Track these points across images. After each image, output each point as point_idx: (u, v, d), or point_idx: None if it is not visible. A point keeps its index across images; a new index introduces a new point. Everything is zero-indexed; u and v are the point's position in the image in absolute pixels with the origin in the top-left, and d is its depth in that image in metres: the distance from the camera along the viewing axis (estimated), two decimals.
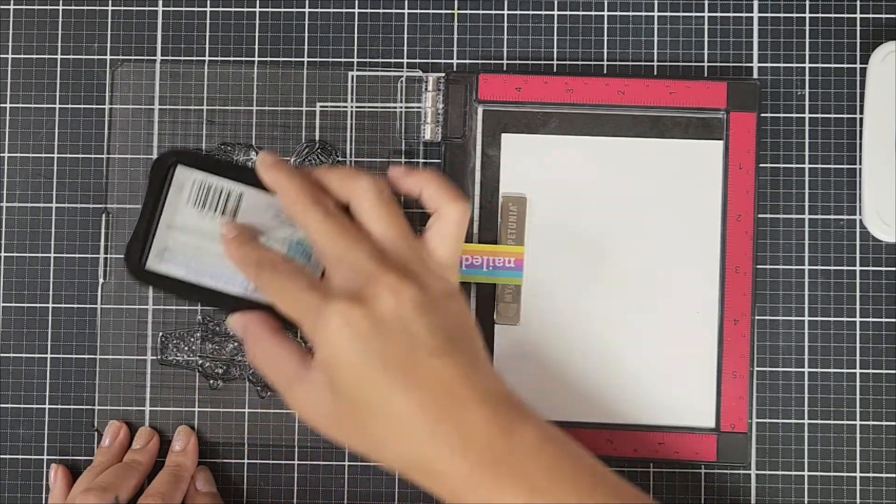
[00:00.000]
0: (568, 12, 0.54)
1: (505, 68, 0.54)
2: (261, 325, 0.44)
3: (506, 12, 0.55)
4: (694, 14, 0.54)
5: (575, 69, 0.54)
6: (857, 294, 0.53)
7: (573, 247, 0.53)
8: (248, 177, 0.45)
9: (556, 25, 0.54)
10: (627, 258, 0.52)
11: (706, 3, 0.54)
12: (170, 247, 0.46)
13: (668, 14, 0.54)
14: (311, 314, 0.41)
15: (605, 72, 0.54)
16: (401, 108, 0.54)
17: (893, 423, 0.53)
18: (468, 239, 0.52)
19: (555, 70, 0.54)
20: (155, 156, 0.54)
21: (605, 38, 0.54)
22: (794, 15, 0.54)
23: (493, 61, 0.54)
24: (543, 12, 0.55)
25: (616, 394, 0.52)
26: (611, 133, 0.53)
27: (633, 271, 0.52)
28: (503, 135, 0.53)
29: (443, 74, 0.53)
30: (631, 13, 0.54)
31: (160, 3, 0.55)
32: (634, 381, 0.52)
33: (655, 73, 0.54)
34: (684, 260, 0.52)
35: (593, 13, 0.54)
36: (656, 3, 0.54)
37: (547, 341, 0.52)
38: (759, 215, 0.53)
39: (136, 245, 0.45)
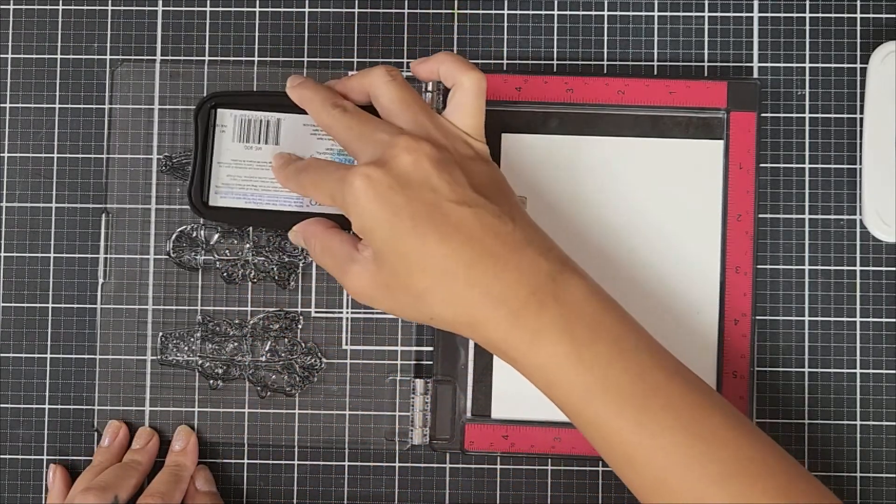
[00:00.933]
0: (568, 12, 0.54)
1: (505, 68, 0.54)
2: (315, 226, 0.48)
3: (506, 12, 0.55)
4: (694, 14, 0.54)
5: (575, 69, 0.54)
6: (857, 294, 0.53)
7: (573, 247, 0.53)
8: (283, 102, 0.49)
9: (556, 25, 0.54)
10: (628, 258, 0.52)
11: (706, 3, 0.54)
12: (225, 182, 0.51)
13: (668, 14, 0.54)
14: (340, 189, 0.43)
15: (605, 72, 0.54)
16: None
17: (893, 423, 0.53)
18: None
19: (555, 70, 0.54)
20: (155, 156, 0.54)
21: (605, 37, 0.54)
22: (794, 15, 0.54)
23: (493, 61, 0.54)
24: (543, 12, 0.55)
25: None
26: (611, 133, 0.53)
27: (633, 271, 0.52)
28: (503, 134, 0.53)
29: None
30: (631, 13, 0.54)
31: (160, 3, 0.55)
32: None
33: (655, 72, 0.54)
34: (684, 260, 0.52)
35: (593, 13, 0.54)
36: (656, 3, 0.54)
37: None
38: (759, 215, 0.53)
39: (196, 187, 0.51)
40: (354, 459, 0.53)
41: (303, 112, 0.48)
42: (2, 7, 0.55)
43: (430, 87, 0.53)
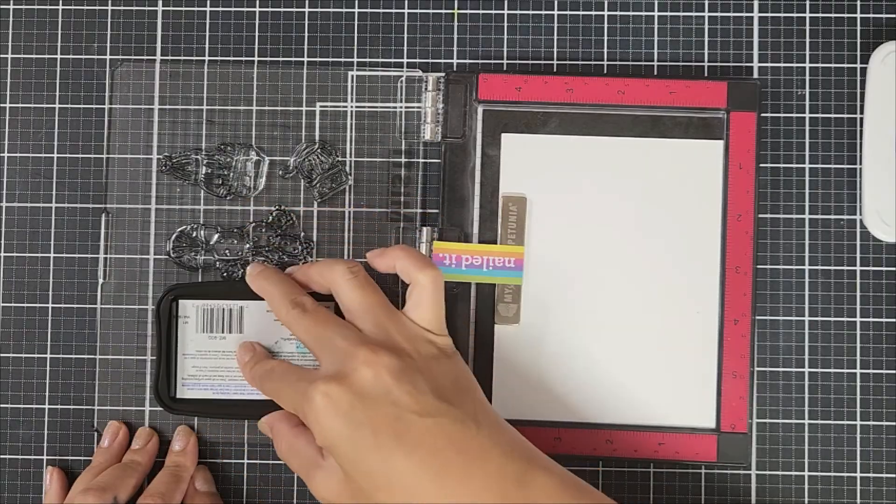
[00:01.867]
0: (568, 12, 0.54)
1: (505, 68, 0.54)
2: (281, 422, 0.47)
3: (506, 12, 0.55)
4: (694, 14, 0.54)
5: (575, 69, 0.54)
6: (858, 294, 0.53)
7: (573, 247, 0.53)
8: (244, 289, 0.49)
9: (556, 25, 0.54)
10: (628, 258, 0.52)
11: (706, 3, 0.54)
12: (191, 374, 0.51)
13: (669, 14, 0.54)
14: (303, 401, 0.43)
15: (605, 72, 0.54)
16: (401, 107, 0.54)
17: (893, 423, 0.53)
18: (468, 239, 0.52)
19: (555, 70, 0.54)
20: (155, 156, 0.54)
21: (605, 37, 0.54)
22: (794, 15, 0.54)
23: (493, 61, 0.54)
24: (543, 12, 0.55)
25: (616, 394, 0.52)
26: (611, 133, 0.53)
27: (633, 271, 0.52)
28: (503, 134, 0.53)
29: (443, 74, 0.53)
30: (631, 13, 0.54)
31: (160, 3, 0.55)
32: (635, 381, 0.52)
33: (655, 72, 0.54)
34: (684, 260, 0.52)
35: (593, 13, 0.54)
36: (656, 3, 0.54)
37: (547, 341, 0.52)
38: (759, 215, 0.53)
39: (162, 382, 0.51)
40: None
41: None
42: (2, 7, 0.55)
43: (430, 87, 0.53)
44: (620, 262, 0.52)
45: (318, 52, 0.55)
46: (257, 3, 0.55)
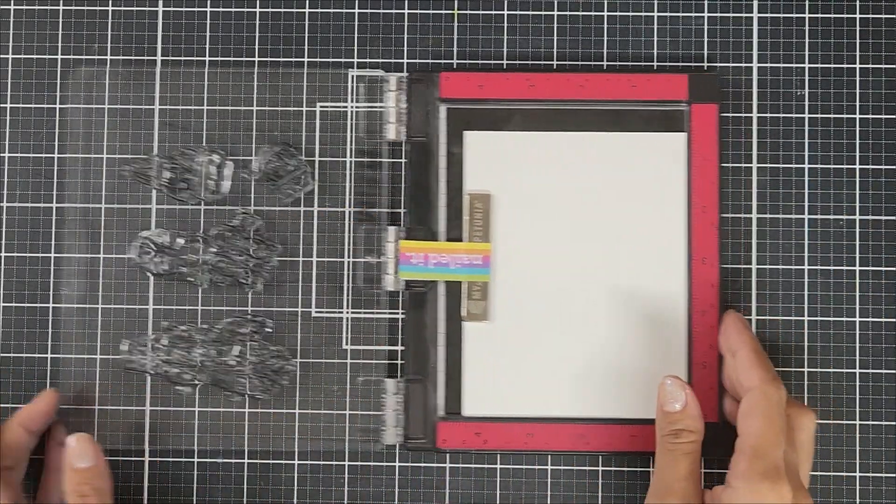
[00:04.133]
0: (568, 12, 0.55)
1: (505, 68, 0.54)
2: None
3: (506, 12, 0.55)
4: (694, 14, 0.54)
5: (575, 68, 0.54)
6: (857, 294, 0.53)
7: (540, 242, 0.53)
8: None
9: (556, 25, 0.55)
10: (594, 252, 0.52)
11: (706, 3, 0.54)
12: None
13: (668, 14, 0.54)
14: None
15: (604, 69, 0.54)
16: (363, 108, 0.54)
17: (893, 423, 0.53)
18: (434, 237, 0.52)
19: (554, 69, 0.54)
20: (155, 156, 0.54)
21: (605, 38, 0.54)
22: (794, 15, 0.54)
23: (493, 61, 0.54)
24: (543, 12, 0.55)
25: (588, 387, 0.52)
26: (574, 128, 0.53)
27: (600, 265, 0.52)
28: (466, 132, 0.53)
29: (405, 74, 0.53)
30: (631, 13, 0.54)
31: (160, 3, 0.55)
32: (605, 375, 0.52)
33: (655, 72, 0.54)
34: (651, 252, 0.52)
35: (593, 13, 0.54)
36: (656, 3, 0.54)
37: (516, 337, 0.52)
38: (759, 215, 0.53)
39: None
40: (354, 459, 0.53)
41: None
42: (2, 7, 0.55)
43: (392, 87, 0.53)
44: (587, 257, 0.52)
45: (317, 52, 0.55)
46: (257, 3, 0.55)
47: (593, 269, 0.52)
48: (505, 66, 0.54)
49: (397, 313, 0.53)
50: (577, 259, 0.53)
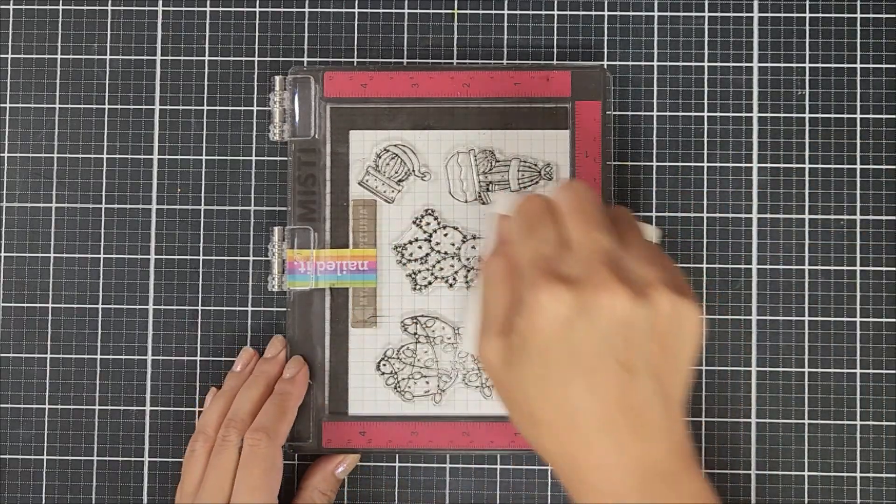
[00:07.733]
0: (568, 12, 0.54)
1: (505, 67, 0.54)
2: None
3: (506, 12, 0.55)
4: (694, 14, 0.54)
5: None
6: (857, 294, 0.53)
7: (428, 244, 0.53)
8: None
9: (556, 25, 0.54)
10: (480, 253, 0.53)
11: (706, 3, 0.54)
12: None
13: (669, 14, 0.54)
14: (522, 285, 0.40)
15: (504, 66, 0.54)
16: (253, 108, 0.54)
17: (893, 423, 0.53)
18: (320, 238, 0.52)
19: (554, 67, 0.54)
20: (155, 156, 0.54)
21: (605, 38, 0.54)
22: (794, 15, 0.54)
23: (493, 61, 0.54)
24: (543, 12, 0.55)
25: (469, 387, 0.52)
26: (459, 126, 0.53)
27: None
28: (351, 132, 0.53)
29: (288, 74, 0.53)
30: (631, 13, 0.54)
31: (160, 3, 0.55)
32: (479, 374, 0.53)
33: (656, 72, 0.54)
34: None
35: (593, 13, 0.54)
36: (656, 3, 0.54)
37: (401, 339, 0.53)
38: (759, 215, 0.53)
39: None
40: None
41: None
42: (2, 7, 0.55)
43: (276, 87, 0.52)
44: (474, 259, 0.53)
45: (318, 52, 0.55)
46: (257, 3, 0.55)
47: (478, 270, 0.53)
48: (505, 66, 0.54)
49: (282, 310, 0.53)
50: (463, 259, 0.53)
